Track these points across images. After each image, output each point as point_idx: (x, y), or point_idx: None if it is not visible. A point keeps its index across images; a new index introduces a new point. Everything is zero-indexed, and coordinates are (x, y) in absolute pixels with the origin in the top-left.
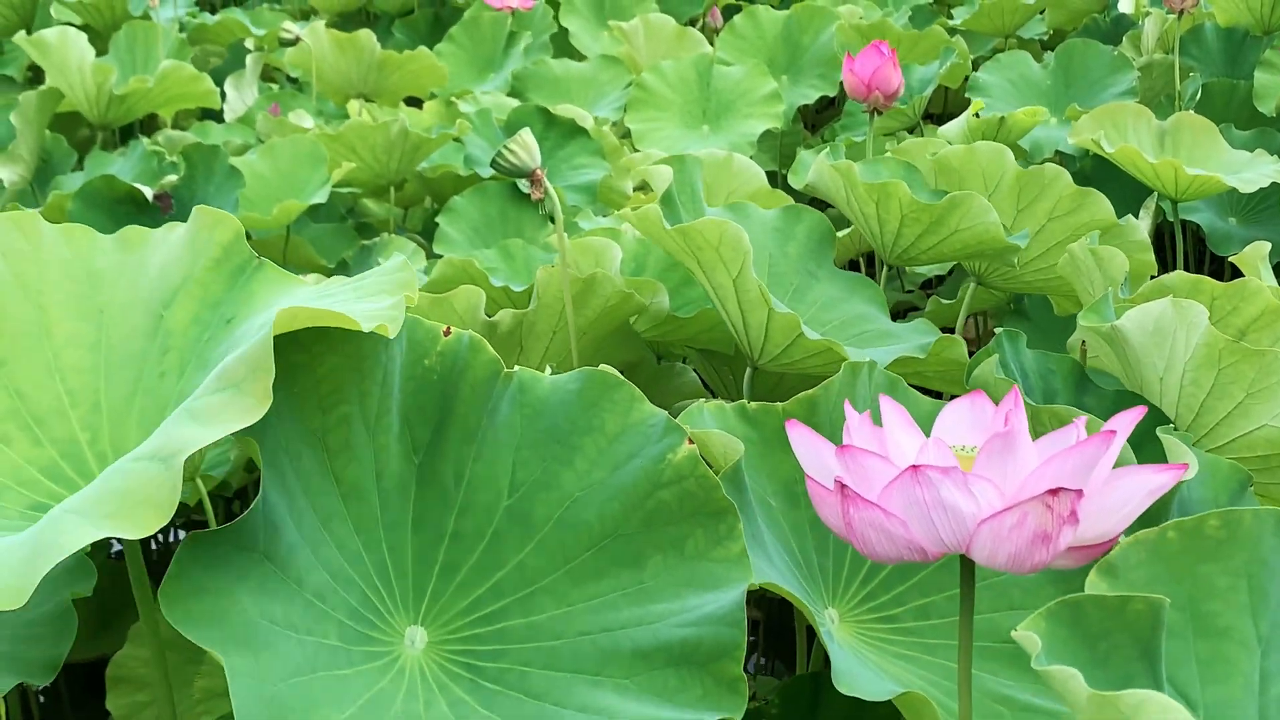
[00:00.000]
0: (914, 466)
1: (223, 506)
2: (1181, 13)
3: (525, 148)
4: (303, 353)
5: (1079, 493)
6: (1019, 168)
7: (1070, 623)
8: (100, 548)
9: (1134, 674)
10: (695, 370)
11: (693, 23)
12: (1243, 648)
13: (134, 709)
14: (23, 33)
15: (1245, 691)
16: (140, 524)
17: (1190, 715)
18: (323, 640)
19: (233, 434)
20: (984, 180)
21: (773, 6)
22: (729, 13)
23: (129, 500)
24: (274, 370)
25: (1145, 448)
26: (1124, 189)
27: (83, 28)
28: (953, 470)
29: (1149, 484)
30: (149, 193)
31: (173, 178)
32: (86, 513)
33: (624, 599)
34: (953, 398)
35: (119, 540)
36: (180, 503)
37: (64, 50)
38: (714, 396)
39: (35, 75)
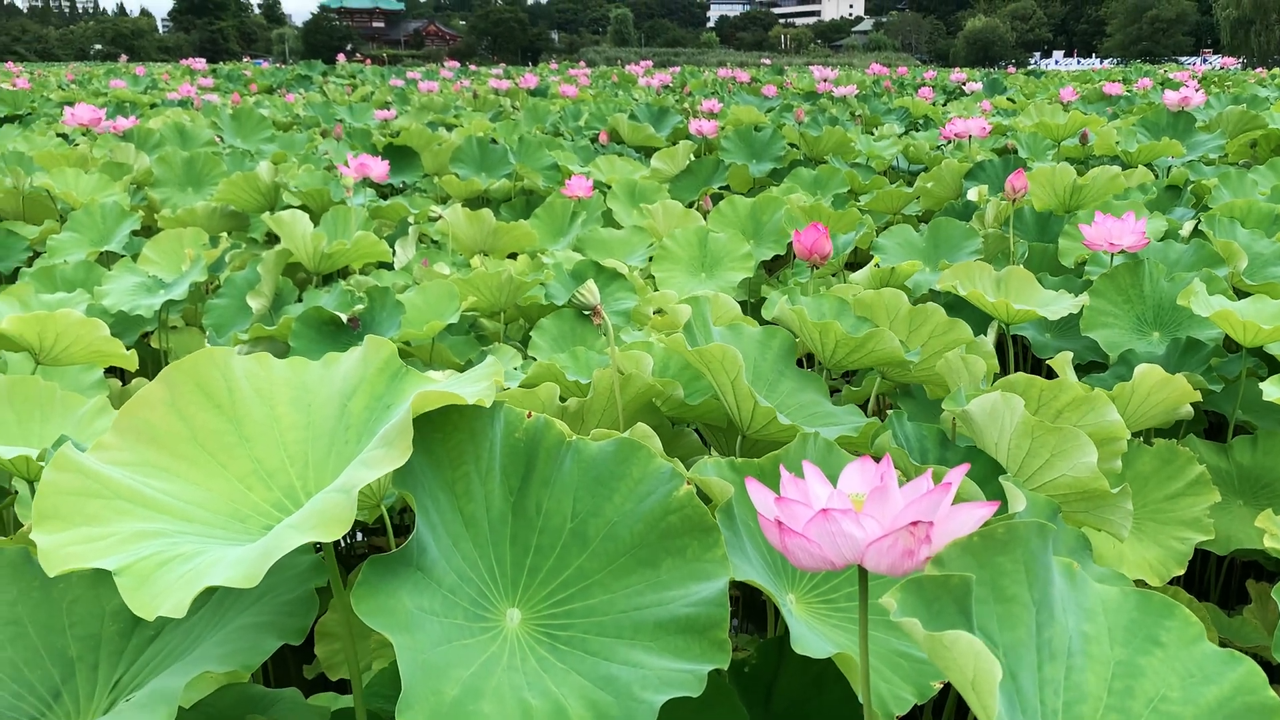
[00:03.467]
0: (824, 510)
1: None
2: (1014, 200)
3: (591, 291)
4: (439, 432)
5: (930, 523)
6: (910, 305)
7: (915, 592)
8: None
9: (955, 623)
10: (698, 433)
11: (691, 205)
12: (1024, 608)
13: (332, 654)
14: (267, 213)
15: (1028, 635)
16: (329, 532)
17: (981, 641)
18: (454, 621)
19: (393, 484)
20: (887, 312)
21: (743, 195)
22: (715, 199)
23: (323, 518)
24: (413, 432)
25: (988, 486)
26: (974, 314)
27: (302, 208)
28: (849, 511)
29: (975, 515)
30: (344, 317)
31: (360, 306)
32: (298, 526)
33: (648, 588)
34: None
35: (320, 543)
36: (364, 521)
37: (294, 225)
38: (709, 451)
39: (269, 238)
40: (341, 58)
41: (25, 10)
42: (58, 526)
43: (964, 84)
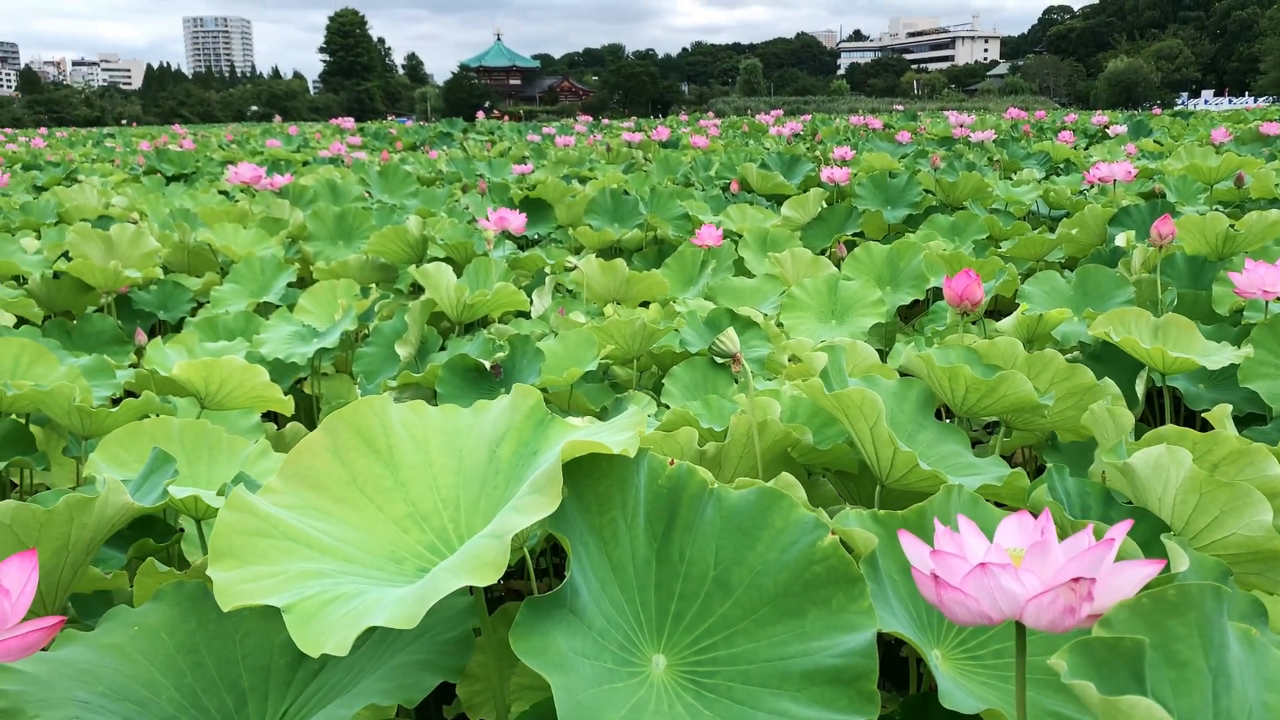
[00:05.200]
0: (982, 564)
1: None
2: (1160, 247)
3: (731, 340)
4: (588, 479)
5: (1093, 580)
6: (1064, 361)
7: (1085, 654)
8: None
9: (1127, 688)
10: (830, 482)
11: (824, 252)
12: (1199, 674)
13: (473, 695)
14: (413, 266)
15: (1204, 703)
16: (484, 577)
17: (1160, 708)
18: (604, 664)
19: (548, 529)
20: (1042, 369)
21: (878, 242)
22: (849, 246)
23: (478, 562)
24: (562, 480)
25: (1152, 547)
26: (1124, 362)
27: (447, 260)
28: (1008, 566)
29: (1139, 573)
30: (487, 364)
31: (502, 354)
32: (454, 570)
33: (793, 638)
34: (1009, 507)
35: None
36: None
37: (438, 277)
38: (843, 500)
39: (415, 289)
40: (480, 115)
41: (190, 76)
42: (232, 564)
43: (1106, 127)
